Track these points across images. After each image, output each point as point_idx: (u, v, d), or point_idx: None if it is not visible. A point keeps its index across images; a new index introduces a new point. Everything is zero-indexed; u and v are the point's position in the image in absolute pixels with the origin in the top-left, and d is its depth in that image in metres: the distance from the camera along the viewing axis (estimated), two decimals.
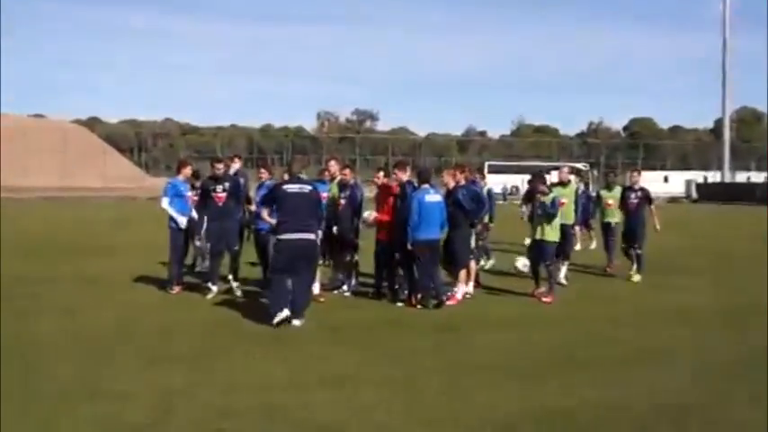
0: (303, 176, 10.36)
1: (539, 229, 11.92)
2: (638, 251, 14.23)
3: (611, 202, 14.93)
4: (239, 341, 8.85)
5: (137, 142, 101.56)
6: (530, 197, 12.64)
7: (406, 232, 10.97)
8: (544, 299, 11.65)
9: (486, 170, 68.43)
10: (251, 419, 6.08)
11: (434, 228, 11.10)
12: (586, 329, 9.80)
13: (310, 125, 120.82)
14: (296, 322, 9.66)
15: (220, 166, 12.29)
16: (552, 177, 14.95)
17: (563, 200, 12.56)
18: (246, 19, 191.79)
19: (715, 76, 73.13)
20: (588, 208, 16.29)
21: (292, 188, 10.03)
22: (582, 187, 15.97)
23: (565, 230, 12.73)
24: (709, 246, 22.01)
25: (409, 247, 10.96)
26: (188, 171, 12.95)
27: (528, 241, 17.55)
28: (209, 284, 11.87)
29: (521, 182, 61.42)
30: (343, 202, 12.04)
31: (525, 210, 13.28)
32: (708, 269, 16.27)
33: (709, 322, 10.43)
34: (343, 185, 12.20)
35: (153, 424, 5.91)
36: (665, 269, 15.50)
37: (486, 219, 13.52)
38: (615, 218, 15.09)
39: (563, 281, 13.29)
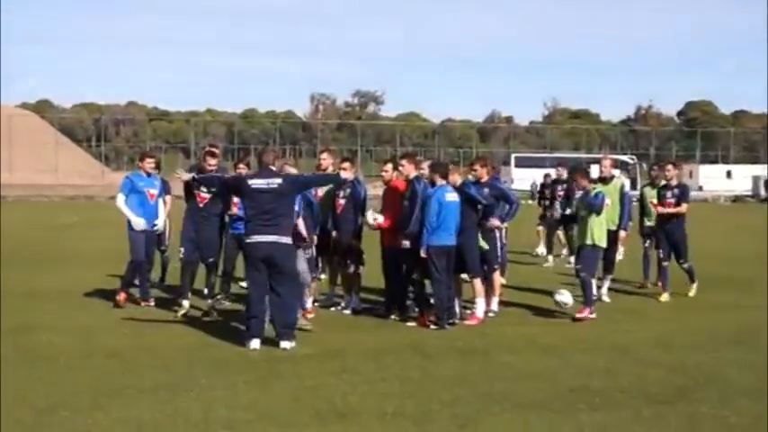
0: (274, 169, 10.34)
1: (587, 232, 11.95)
2: (684, 265, 14.07)
3: (656, 201, 14.45)
4: (218, 369, 8.88)
5: (95, 130, 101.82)
6: (568, 195, 12.75)
7: (415, 237, 11.05)
8: (578, 314, 11.69)
9: (512, 163, 68.87)
10: None
11: (453, 232, 11.15)
12: (633, 355, 9.83)
13: (302, 110, 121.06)
14: (284, 344, 9.74)
15: (213, 162, 12.12)
16: (592, 173, 14.79)
17: (606, 200, 12.40)
18: None
19: None
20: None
21: (258, 183, 10.07)
22: (628, 184, 15.75)
23: (609, 237, 12.60)
24: None
25: (423, 254, 10.99)
26: (148, 164, 12.86)
27: (541, 250, 17.76)
28: (181, 300, 11.95)
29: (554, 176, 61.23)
30: (342, 202, 11.99)
31: (557, 208, 13.35)
32: None
33: None
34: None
35: None
36: (723, 283, 15.51)
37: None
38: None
39: (605, 297, 13.33)
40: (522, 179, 59.43)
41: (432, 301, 11.27)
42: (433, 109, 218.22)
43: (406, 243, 11.17)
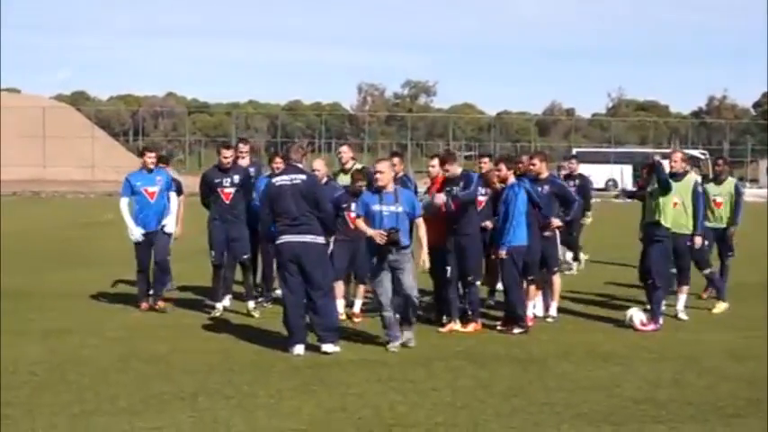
0: (300, 165, 10.41)
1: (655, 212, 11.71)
2: (705, 272, 13.33)
3: (720, 200, 13.76)
4: (260, 375, 8.98)
5: (132, 124, 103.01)
6: (582, 192, 12.45)
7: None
8: (642, 327, 11.55)
9: (574, 157, 68.24)
10: None
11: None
12: (702, 366, 9.74)
13: (349, 101, 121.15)
14: (326, 348, 9.85)
15: (228, 154, 12.22)
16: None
17: (675, 198, 12.06)
18: None
19: None
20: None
21: (282, 180, 10.18)
22: (700, 181, 14.11)
23: (680, 244, 12.26)
24: None
25: (504, 255, 11.17)
26: (149, 158, 12.70)
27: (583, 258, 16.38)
28: (215, 302, 12.20)
29: (619, 174, 60.60)
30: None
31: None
32: None
33: None
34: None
35: None
36: None
37: None
38: (724, 222, 14.03)
39: (682, 315, 12.46)
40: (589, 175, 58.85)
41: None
42: (488, 101, 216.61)
43: (502, 253, 11.28)
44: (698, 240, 12.49)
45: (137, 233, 12.28)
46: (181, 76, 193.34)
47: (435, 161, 12.11)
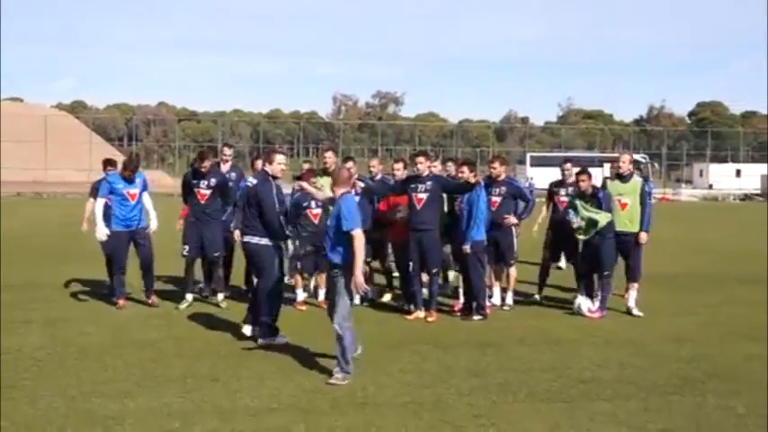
0: (268, 170, 10.17)
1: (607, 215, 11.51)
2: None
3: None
4: (243, 360, 8.93)
5: (127, 130, 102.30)
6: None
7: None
8: (590, 314, 11.62)
9: (528, 162, 68.70)
10: None
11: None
12: (645, 349, 9.80)
13: (325, 110, 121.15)
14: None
15: (206, 164, 12.01)
16: (605, 171, 14.45)
17: (624, 199, 11.87)
18: None
19: None
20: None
21: (252, 182, 10.09)
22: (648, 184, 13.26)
23: (629, 242, 11.88)
24: None
25: (468, 250, 11.21)
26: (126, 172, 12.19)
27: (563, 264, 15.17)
28: (186, 294, 12.14)
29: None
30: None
31: (573, 217, 11.80)
32: None
33: None
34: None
35: None
36: (730, 279, 15.47)
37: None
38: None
39: (636, 311, 11.87)
40: (539, 178, 59.29)
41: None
42: (450, 109, 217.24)
43: (467, 248, 11.27)
44: (643, 237, 11.89)
45: (103, 233, 11.84)
46: (171, 86, 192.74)
47: (400, 165, 12.25)
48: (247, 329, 10.02)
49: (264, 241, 9.76)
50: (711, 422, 6.93)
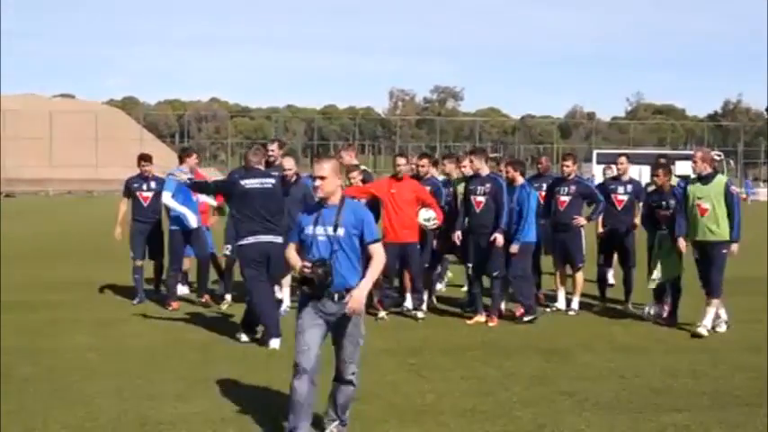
0: (262, 168, 10.28)
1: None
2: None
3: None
4: (290, 362, 8.95)
5: (179, 127, 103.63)
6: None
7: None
8: (660, 320, 11.47)
9: (594, 160, 67.94)
10: None
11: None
12: (718, 357, 9.61)
13: (381, 106, 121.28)
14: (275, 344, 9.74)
15: (273, 147, 12.24)
16: (678, 169, 13.96)
17: (704, 204, 10.66)
18: None
19: None
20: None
21: (252, 183, 10.02)
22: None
23: (714, 252, 10.71)
24: None
25: (515, 250, 11.24)
26: (193, 160, 12.63)
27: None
28: (225, 294, 12.35)
29: (637, 174, 60.06)
30: (482, 200, 11.53)
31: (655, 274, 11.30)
32: None
33: None
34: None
35: None
36: None
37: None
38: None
39: (702, 329, 10.69)
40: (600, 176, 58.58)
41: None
42: (512, 105, 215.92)
43: (500, 239, 11.18)
44: (734, 248, 10.67)
45: (194, 220, 12.01)
46: (224, 82, 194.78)
47: (402, 160, 11.94)
48: (276, 342, 9.80)
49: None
50: None
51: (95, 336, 10.32)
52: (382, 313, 11.48)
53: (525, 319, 11.32)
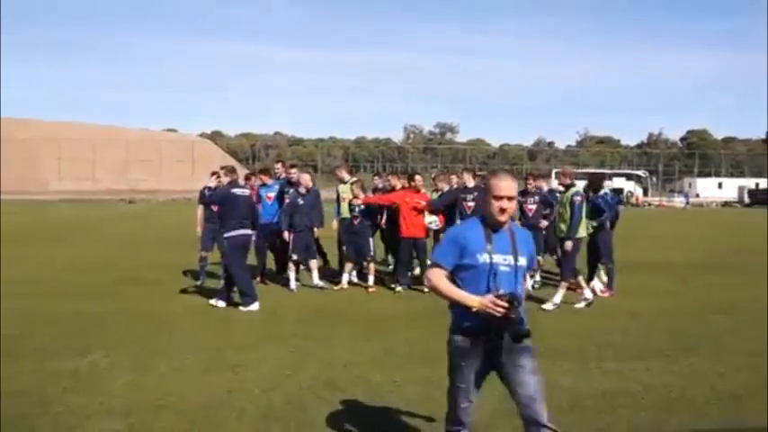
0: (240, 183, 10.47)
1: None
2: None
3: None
4: (339, 324, 8.98)
5: (251, 153, 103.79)
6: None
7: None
8: (601, 293, 11.30)
9: (553, 177, 67.59)
10: (347, 390, 6.15)
11: None
12: (643, 320, 9.52)
13: (397, 137, 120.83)
14: (255, 307, 9.73)
15: (278, 166, 12.54)
16: (614, 183, 13.96)
17: (560, 209, 10.58)
18: (337, 47, 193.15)
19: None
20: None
21: (239, 191, 10.14)
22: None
23: (563, 245, 10.38)
24: (758, 246, 20.99)
25: (569, 247, 10.17)
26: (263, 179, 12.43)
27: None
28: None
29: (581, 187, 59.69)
30: (472, 204, 11.31)
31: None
32: (759, 268, 15.53)
33: (758, 318, 9.95)
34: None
35: (262, 394, 6.04)
36: (708, 267, 15.00)
37: None
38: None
39: (583, 304, 10.30)
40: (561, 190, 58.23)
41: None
42: (493, 136, 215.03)
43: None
44: (567, 244, 10.20)
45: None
46: (284, 119, 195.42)
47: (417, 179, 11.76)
48: (256, 305, 9.71)
49: None
50: (700, 379, 6.71)
51: (190, 303, 10.31)
52: (399, 288, 11.44)
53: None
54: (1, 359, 6.89)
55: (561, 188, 10.90)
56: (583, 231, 10.36)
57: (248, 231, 10.08)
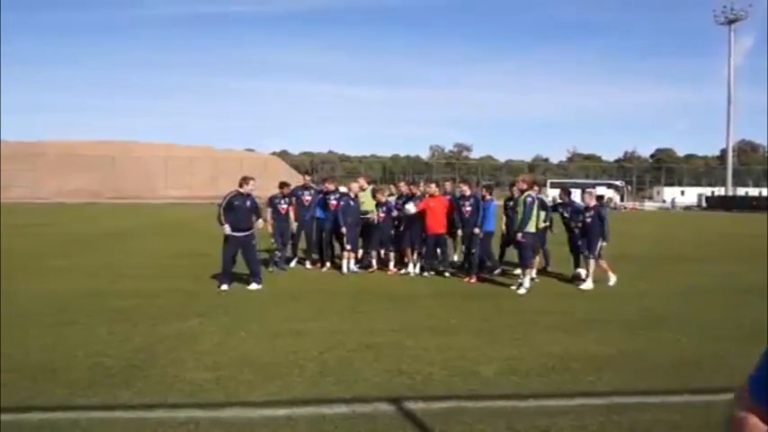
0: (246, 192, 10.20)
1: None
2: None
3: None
4: (376, 300, 8.97)
5: (310, 167, 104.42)
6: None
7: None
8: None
9: (548, 186, 66.72)
10: (385, 353, 6.14)
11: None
12: (618, 299, 9.32)
13: (425, 154, 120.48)
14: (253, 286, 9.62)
15: (308, 178, 12.63)
16: (597, 191, 13.60)
17: (518, 208, 10.04)
18: (378, 84, 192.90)
19: (721, 115, 67.79)
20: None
21: (240, 200, 10.06)
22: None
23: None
24: (713, 240, 20.41)
25: (520, 238, 9.91)
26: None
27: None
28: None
29: (577, 196, 58.68)
30: (469, 209, 11.08)
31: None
32: (714, 258, 15.11)
33: (713, 298, 9.69)
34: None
35: (319, 355, 6.06)
36: (669, 259, 14.57)
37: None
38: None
39: (523, 289, 9.82)
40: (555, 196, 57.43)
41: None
42: (500, 153, 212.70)
43: (477, 231, 10.86)
44: (519, 236, 9.94)
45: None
46: (337, 140, 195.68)
47: (432, 186, 11.67)
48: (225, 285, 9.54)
49: None
50: (666, 347, 6.56)
51: (264, 285, 10.36)
52: (426, 273, 11.37)
53: (472, 280, 10.65)
54: (123, 325, 7.07)
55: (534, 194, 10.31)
56: (532, 227, 10.03)
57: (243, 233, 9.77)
